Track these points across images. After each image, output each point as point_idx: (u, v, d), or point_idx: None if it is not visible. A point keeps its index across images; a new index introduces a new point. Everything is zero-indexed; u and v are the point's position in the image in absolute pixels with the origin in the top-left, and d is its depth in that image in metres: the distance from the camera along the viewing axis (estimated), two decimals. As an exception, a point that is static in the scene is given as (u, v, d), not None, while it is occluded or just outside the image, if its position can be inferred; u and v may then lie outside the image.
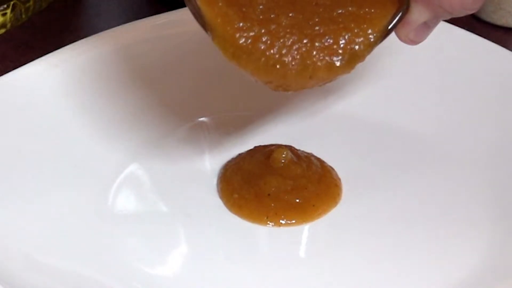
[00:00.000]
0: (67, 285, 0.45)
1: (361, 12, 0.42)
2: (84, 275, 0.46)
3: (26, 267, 0.46)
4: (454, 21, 0.58)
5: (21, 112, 0.52)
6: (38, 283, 0.44)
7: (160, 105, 0.56)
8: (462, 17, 0.42)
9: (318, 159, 0.54)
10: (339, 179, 0.53)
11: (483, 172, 0.53)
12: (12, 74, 0.52)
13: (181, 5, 0.56)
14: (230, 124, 0.57)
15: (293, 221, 0.50)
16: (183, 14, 0.57)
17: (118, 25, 0.57)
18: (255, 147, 0.55)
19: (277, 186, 0.51)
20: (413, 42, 0.43)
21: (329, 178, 0.53)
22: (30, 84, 0.53)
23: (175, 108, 0.57)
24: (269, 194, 0.51)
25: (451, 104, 0.57)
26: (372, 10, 0.42)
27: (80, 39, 0.55)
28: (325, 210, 0.51)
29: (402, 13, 0.42)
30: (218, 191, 0.52)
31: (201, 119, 0.57)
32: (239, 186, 0.52)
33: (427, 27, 0.43)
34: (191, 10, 0.43)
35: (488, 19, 0.67)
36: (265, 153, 0.54)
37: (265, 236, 0.50)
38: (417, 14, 0.42)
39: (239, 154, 0.55)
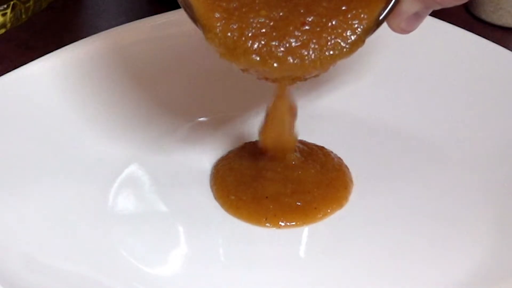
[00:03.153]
0: (67, 285, 0.45)
1: (349, 15, 0.43)
2: (84, 275, 0.46)
3: (26, 267, 0.46)
4: (454, 21, 0.58)
5: (21, 112, 0.52)
6: (38, 283, 0.44)
7: (160, 105, 0.56)
8: (462, 17, 0.43)
9: (337, 157, 0.54)
10: (351, 181, 0.52)
11: (483, 172, 0.53)
12: (12, 74, 0.52)
13: (181, 5, 0.56)
14: (230, 124, 0.57)
15: (293, 223, 0.50)
16: (183, 14, 0.57)
17: (118, 25, 0.57)
18: (245, 143, 0.55)
19: (276, 189, 0.51)
20: (405, 31, 0.44)
21: (341, 180, 0.52)
22: (30, 84, 0.53)
23: (175, 108, 0.57)
24: (267, 197, 0.51)
25: (451, 104, 0.56)
26: (360, 10, 0.43)
27: (80, 39, 0.55)
28: (328, 213, 0.50)
29: (393, 4, 0.43)
30: (212, 192, 0.52)
31: (201, 119, 0.57)
32: (233, 188, 0.52)
33: (418, 16, 0.43)
34: (180, 3, 0.43)
35: (488, 19, 0.67)
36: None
37: (265, 237, 0.50)
38: (408, 4, 0.43)
39: (229, 152, 0.55)
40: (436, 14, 0.45)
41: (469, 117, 0.56)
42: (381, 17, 0.43)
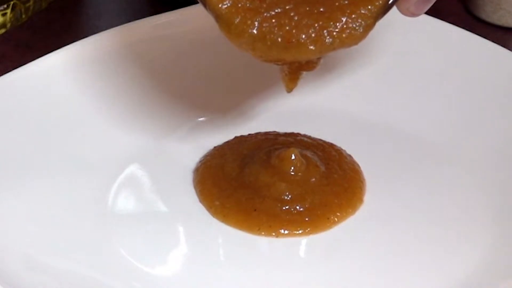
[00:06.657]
0: (67, 285, 0.45)
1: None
2: (84, 275, 0.46)
3: (26, 267, 0.46)
4: (454, 21, 0.58)
5: (21, 112, 0.52)
6: (38, 283, 0.44)
7: (160, 105, 0.56)
8: (462, 17, 0.42)
9: (348, 155, 0.52)
10: (364, 180, 0.51)
11: (483, 173, 0.53)
12: (12, 74, 0.52)
13: (181, 5, 0.56)
14: (230, 124, 0.57)
15: (295, 232, 0.48)
16: (183, 14, 0.57)
17: (118, 25, 0.57)
18: (236, 137, 0.54)
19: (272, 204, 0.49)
20: (414, 14, 0.44)
21: (357, 180, 0.50)
22: (30, 84, 0.53)
23: (175, 108, 0.57)
24: (255, 210, 0.49)
25: (451, 104, 0.56)
26: None
27: (80, 39, 0.55)
28: (341, 219, 0.48)
29: None
30: (196, 194, 0.51)
31: (201, 119, 0.57)
32: (218, 192, 0.50)
33: (426, 0, 0.44)
34: None
35: (488, 19, 0.67)
36: (267, 153, 0.51)
37: (266, 238, 0.50)
38: None
39: (214, 148, 0.54)
40: (436, 14, 0.45)
41: (468, 117, 0.56)
42: (390, 1, 0.43)
